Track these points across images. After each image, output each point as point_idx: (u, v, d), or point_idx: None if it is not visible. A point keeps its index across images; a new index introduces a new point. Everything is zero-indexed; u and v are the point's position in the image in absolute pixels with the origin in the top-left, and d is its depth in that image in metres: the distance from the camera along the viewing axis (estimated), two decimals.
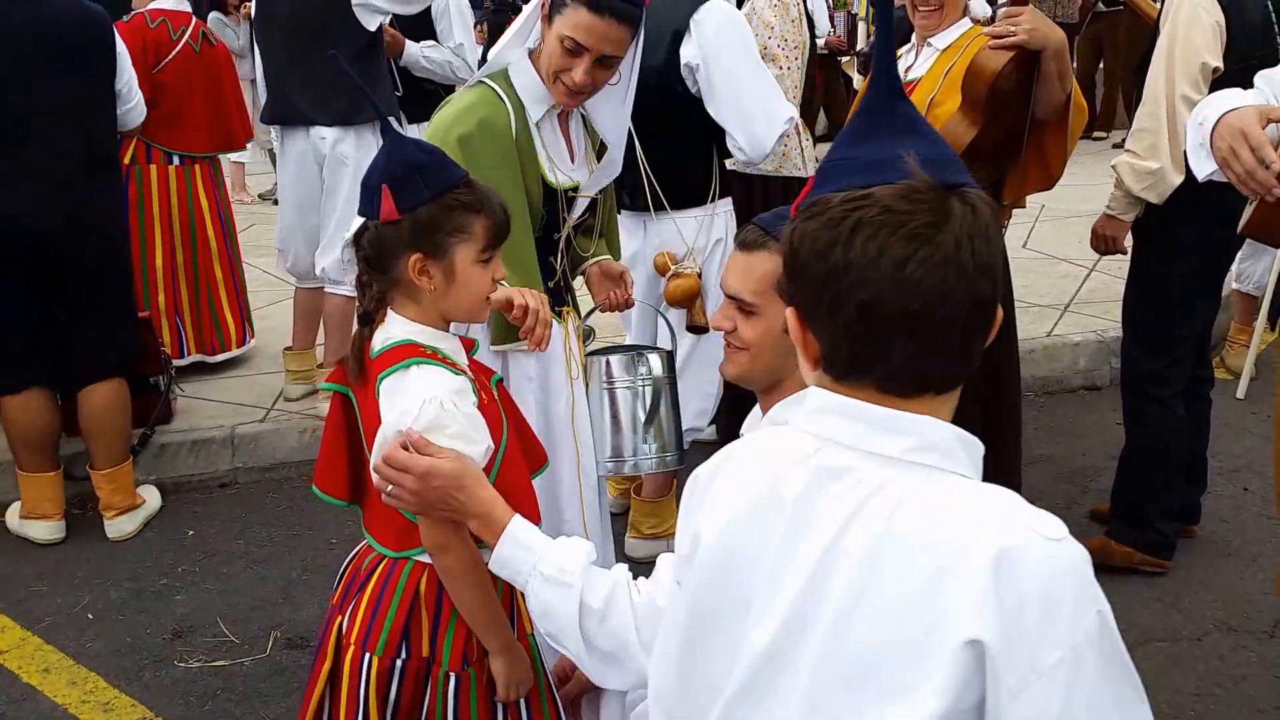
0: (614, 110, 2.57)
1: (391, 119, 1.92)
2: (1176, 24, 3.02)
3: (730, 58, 3.12)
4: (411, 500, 1.73)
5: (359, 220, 1.88)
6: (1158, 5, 3.29)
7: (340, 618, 1.94)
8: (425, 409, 1.74)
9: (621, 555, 3.23)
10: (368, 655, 1.88)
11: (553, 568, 1.65)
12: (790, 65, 3.93)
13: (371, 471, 1.79)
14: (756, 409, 1.94)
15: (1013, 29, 2.90)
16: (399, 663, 1.87)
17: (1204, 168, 2.23)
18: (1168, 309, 3.32)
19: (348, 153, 4.31)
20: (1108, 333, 5.01)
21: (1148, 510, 3.40)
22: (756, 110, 3.13)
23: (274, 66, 4.48)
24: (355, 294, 1.97)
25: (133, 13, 4.84)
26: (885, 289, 1.12)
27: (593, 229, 2.76)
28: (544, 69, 2.38)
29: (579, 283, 2.80)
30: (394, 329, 1.88)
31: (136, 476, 4.14)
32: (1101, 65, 10.28)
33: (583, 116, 2.62)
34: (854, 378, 1.20)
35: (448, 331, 1.94)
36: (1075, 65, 10.27)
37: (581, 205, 2.58)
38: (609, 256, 2.79)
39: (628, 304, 2.80)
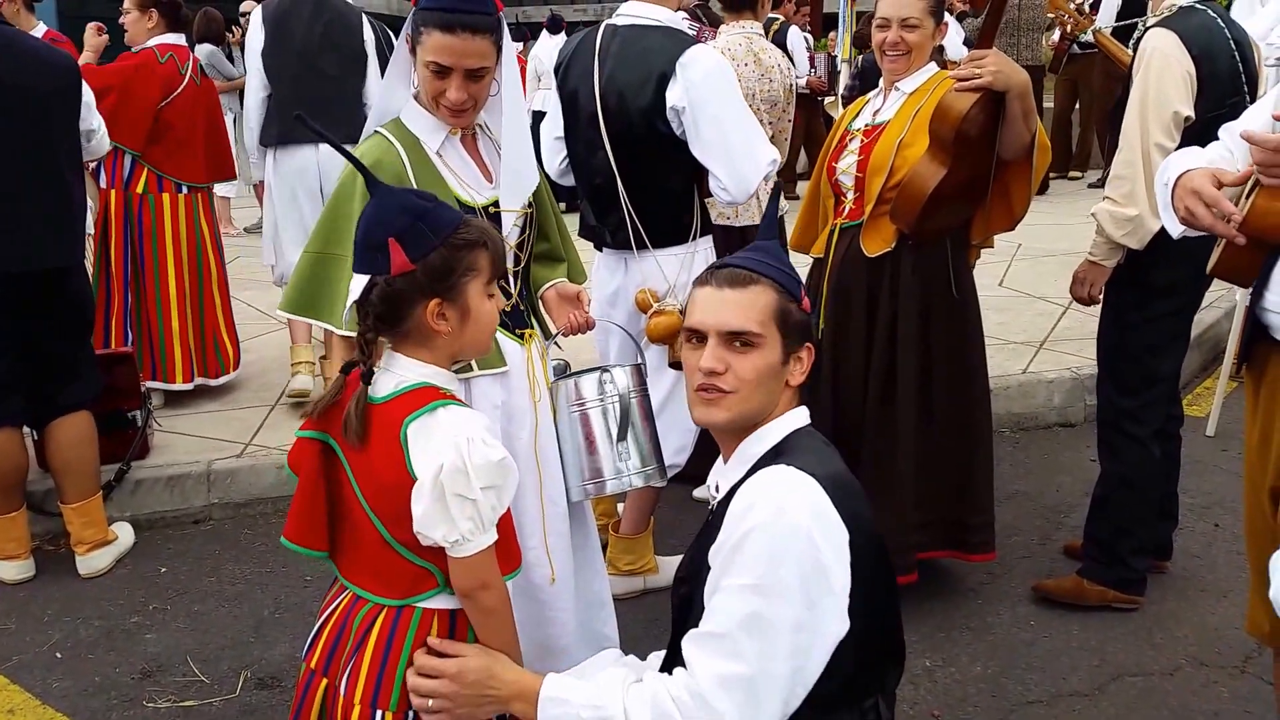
0: (507, 125, 2.56)
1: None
2: (1149, 74, 3.06)
3: (716, 101, 3.15)
4: (451, 706, 1.80)
5: (359, 281, 1.85)
6: (1130, 51, 3.35)
7: (325, 681, 1.90)
8: (472, 448, 1.75)
9: None
10: (380, 713, 1.84)
11: (592, 712, 1.71)
12: (761, 119, 4.02)
13: (408, 688, 1.82)
14: (720, 459, 1.94)
15: (978, 71, 2.96)
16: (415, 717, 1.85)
17: (1175, 227, 2.31)
18: (1145, 350, 3.35)
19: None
20: (1082, 370, 5.05)
21: (1121, 548, 3.42)
22: (741, 152, 3.16)
23: (285, 89, 4.95)
24: None
25: (138, 47, 4.95)
26: None
27: (547, 257, 2.78)
28: (424, 99, 2.43)
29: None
30: (406, 372, 1.86)
31: (111, 513, 4.11)
32: (1077, 106, 10.42)
33: (492, 139, 2.64)
34: None
35: (453, 373, 1.94)
36: (1053, 105, 10.45)
37: (509, 221, 2.57)
38: (564, 280, 2.81)
39: (588, 325, 2.81)
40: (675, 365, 3.33)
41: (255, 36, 5.00)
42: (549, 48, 10.19)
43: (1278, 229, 2.21)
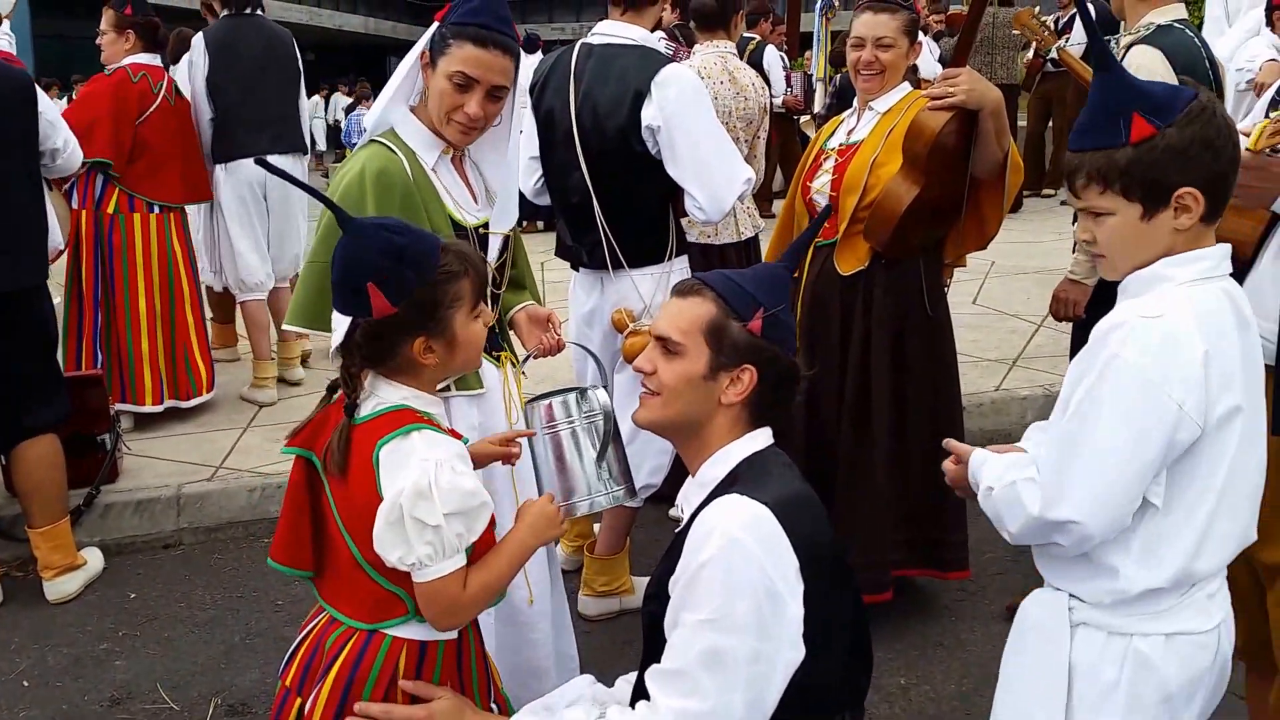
0: (498, 158, 2.60)
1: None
2: None
3: (691, 120, 3.16)
4: None
5: (342, 322, 1.83)
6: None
7: (299, 701, 1.87)
8: (440, 473, 1.73)
9: (574, 612, 3.20)
10: None
11: None
12: (738, 137, 4.03)
13: None
14: (690, 478, 1.94)
15: (951, 90, 2.97)
16: None
17: None
18: None
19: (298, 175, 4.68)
20: (1054, 387, 5.07)
21: None
22: (716, 171, 3.17)
23: (235, 107, 5.23)
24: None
25: (113, 67, 4.94)
26: None
27: (513, 282, 2.78)
28: (435, 112, 2.42)
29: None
30: (385, 394, 1.85)
31: (80, 538, 4.06)
32: (1051, 123, 10.50)
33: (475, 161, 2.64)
34: None
35: (437, 398, 1.93)
36: (1026, 123, 10.53)
37: (496, 244, 2.59)
38: (533, 302, 2.83)
39: (559, 347, 2.81)
40: None
41: (199, 62, 5.22)
42: (525, 66, 10.19)
43: (1244, 248, 2.23)
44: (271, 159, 4.88)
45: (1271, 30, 5.42)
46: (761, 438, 1.89)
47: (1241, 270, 2.24)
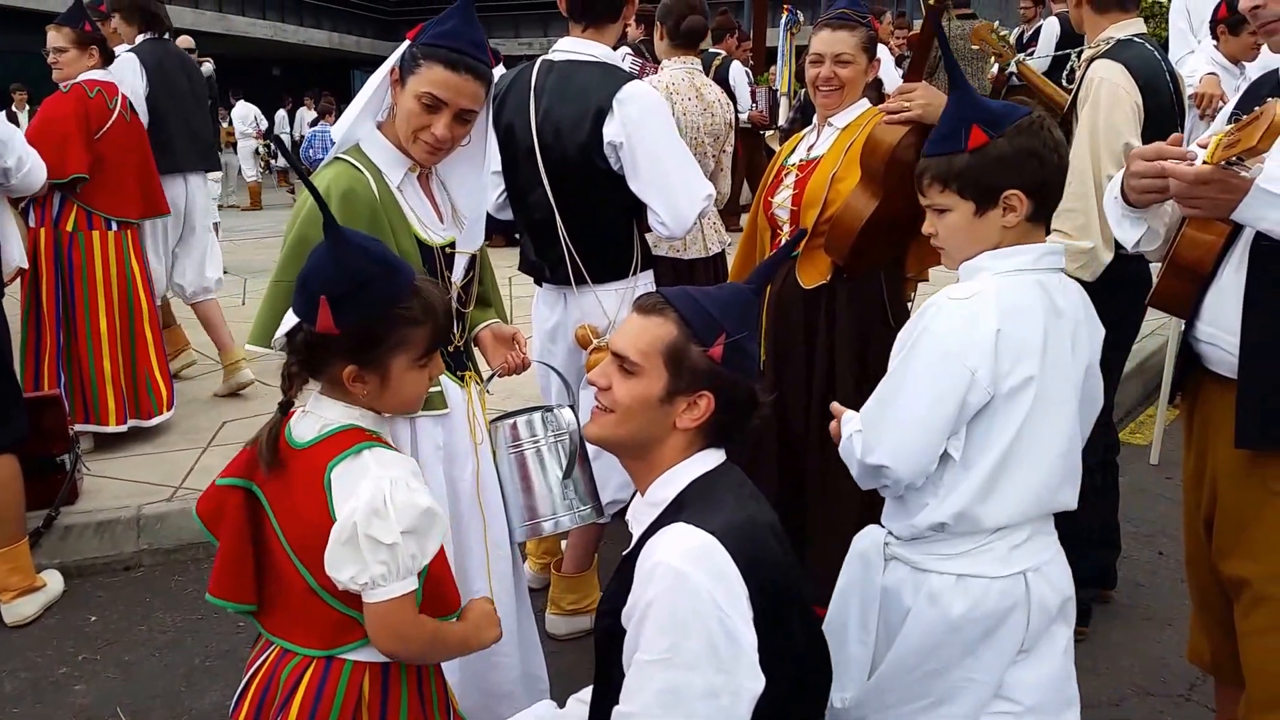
0: (469, 177, 2.58)
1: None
2: (1098, 105, 3.08)
3: (652, 136, 3.15)
4: None
5: (292, 320, 1.82)
6: (1071, 88, 3.38)
7: None
8: (395, 490, 1.72)
9: (542, 632, 3.16)
10: None
11: None
12: (706, 152, 4.03)
13: None
14: (637, 496, 1.92)
15: (906, 104, 2.98)
16: None
17: (1130, 235, 2.29)
18: None
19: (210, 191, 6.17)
20: None
21: None
22: (678, 187, 3.16)
23: (172, 125, 5.60)
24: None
25: (68, 84, 4.89)
26: None
27: (479, 299, 2.76)
28: (402, 130, 2.40)
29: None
30: (330, 413, 1.83)
31: (39, 560, 3.98)
32: None
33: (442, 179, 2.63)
34: None
35: (381, 415, 1.90)
36: None
37: (462, 263, 2.57)
38: (499, 320, 2.81)
39: (524, 365, 2.79)
40: None
41: (136, 80, 5.40)
42: None
43: (1206, 259, 2.24)
44: (195, 179, 5.76)
45: (1216, 43, 5.48)
46: (714, 457, 1.87)
47: (1204, 283, 2.25)
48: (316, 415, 1.82)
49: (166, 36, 5.77)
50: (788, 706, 1.76)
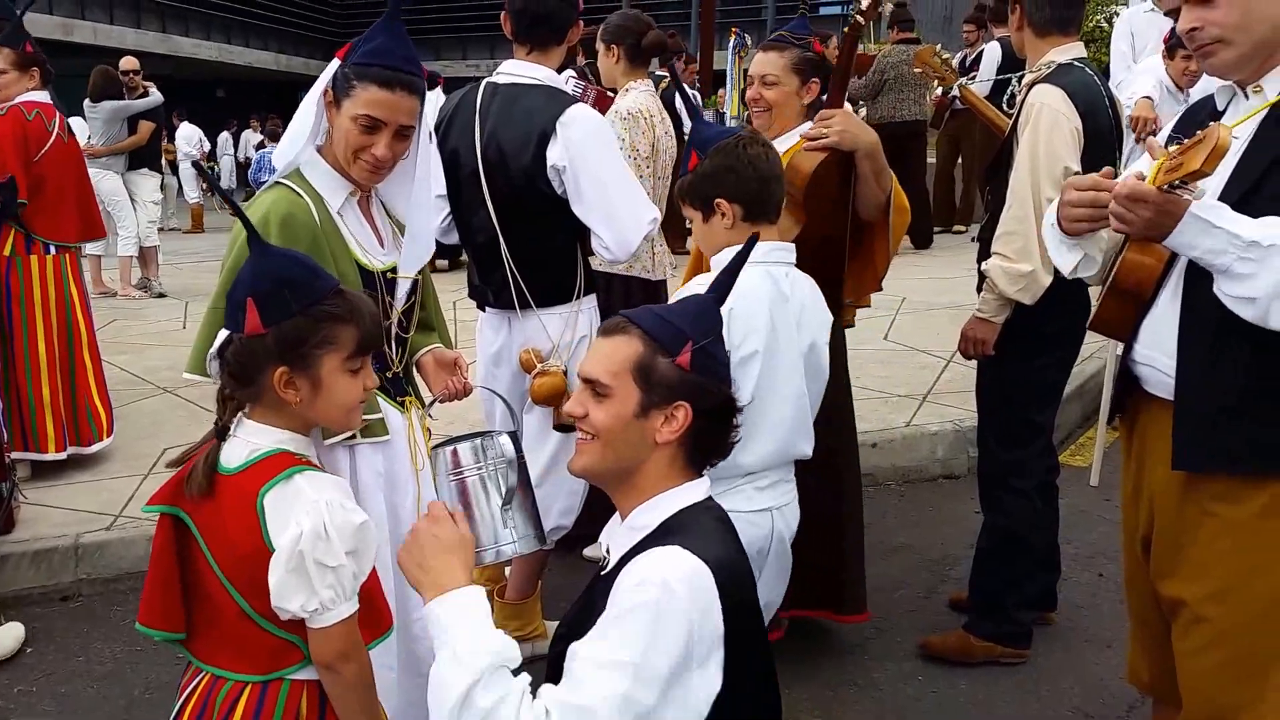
0: (408, 190, 2.56)
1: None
2: (1038, 130, 3.11)
3: (596, 160, 3.15)
4: (410, 543, 1.73)
5: (223, 334, 1.83)
6: (1012, 111, 3.43)
7: None
8: (333, 513, 1.71)
9: None
10: None
11: (465, 647, 1.60)
12: (641, 174, 4.03)
13: None
14: (616, 516, 1.91)
15: (825, 131, 3.01)
16: None
17: (1067, 262, 2.32)
18: (1029, 403, 3.40)
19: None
20: (964, 422, 5.13)
21: (1007, 601, 3.45)
22: (622, 211, 3.16)
23: None
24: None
25: (7, 105, 4.82)
26: None
27: (422, 324, 2.74)
28: (341, 152, 2.39)
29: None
30: (259, 438, 1.81)
31: None
32: (960, 161, 10.73)
33: (382, 202, 2.61)
34: None
35: (309, 438, 1.89)
36: (936, 161, 10.75)
37: (404, 288, 2.56)
38: (440, 345, 2.78)
39: (466, 391, 2.77)
40: (560, 427, 3.28)
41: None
42: (428, 104, 10.25)
43: (1147, 283, 2.28)
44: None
45: (1169, 65, 5.56)
46: (699, 489, 1.85)
47: (1143, 308, 2.29)
48: (244, 440, 1.81)
49: None
50: None
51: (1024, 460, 3.40)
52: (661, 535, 1.75)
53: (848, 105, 3.39)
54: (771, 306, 2.51)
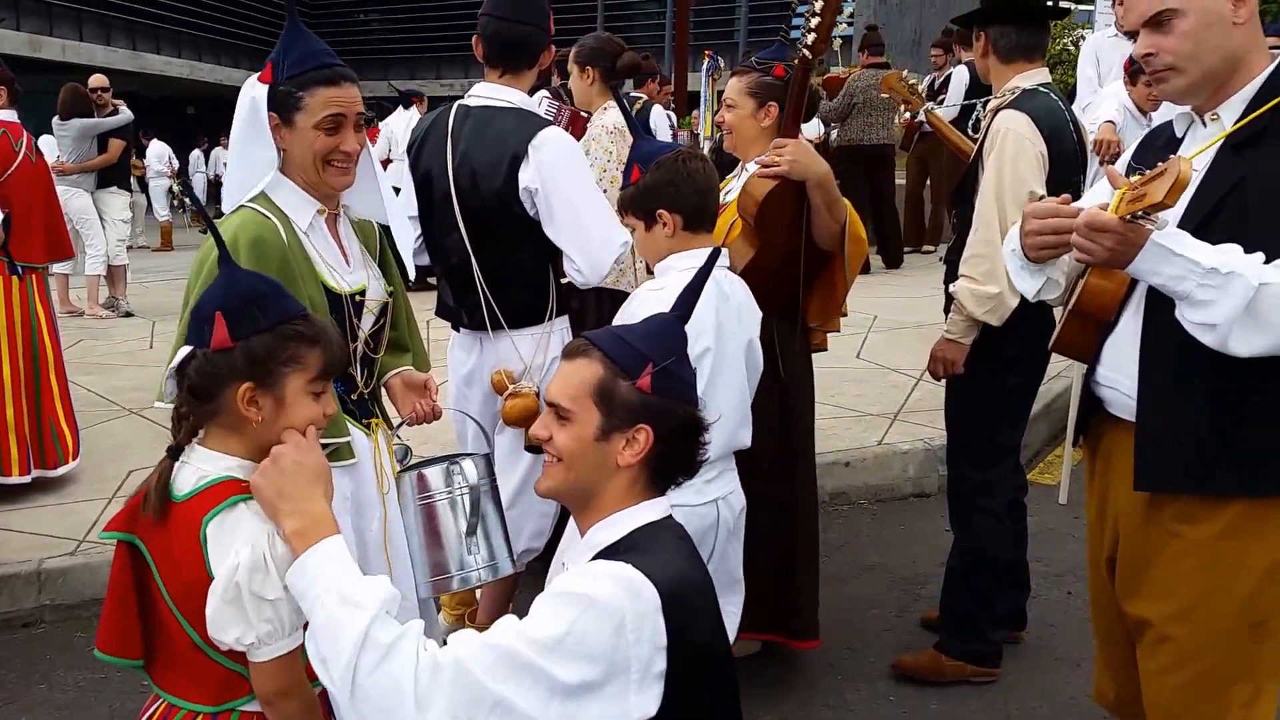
0: (366, 186, 2.58)
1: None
2: (1003, 155, 3.15)
3: (568, 183, 3.16)
4: (267, 466, 1.71)
5: (185, 350, 1.81)
6: (971, 131, 3.47)
7: None
8: (275, 545, 1.69)
9: None
10: None
11: (352, 589, 1.59)
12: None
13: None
14: (574, 532, 1.91)
15: (776, 159, 3.05)
16: None
17: (1029, 286, 2.34)
18: (997, 422, 3.43)
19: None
20: (934, 441, 5.16)
21: (977, 621, 3.46)
22: (594, 234, 3.17)
23: None
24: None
25: None
26: None
27: (394, 345, 2.73)
28: (307, 165, 2.41)
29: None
30: (208, 465, 1.79)
31: None
32: (929, 182, 10.82)
33: (351, 221, 2.61)
34: None
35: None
36: (905, 182, 10.84)
37: (373, 310, 2.55)
38: (410, 367, 2.77)
39: (434, 414, 2.75)
40: (532, 449, 3.27)
41: None
42: (403, 122, 10.31)
43: (1108, 307, 2.30)
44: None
45: (1131, 90, 5.63)
46: (659, 507, 1.84)
47: (1105, 330, 2.32)
48: (195, 467, 1.79)
49: None
50: None
51: (992, 480, 3.42)
52: (614, 552, 1.75)
53: (808, 133, 3.43)
54: (717, 306, 2.65)
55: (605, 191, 4.02)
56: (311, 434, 1.79)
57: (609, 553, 1.76)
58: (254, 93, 2.37)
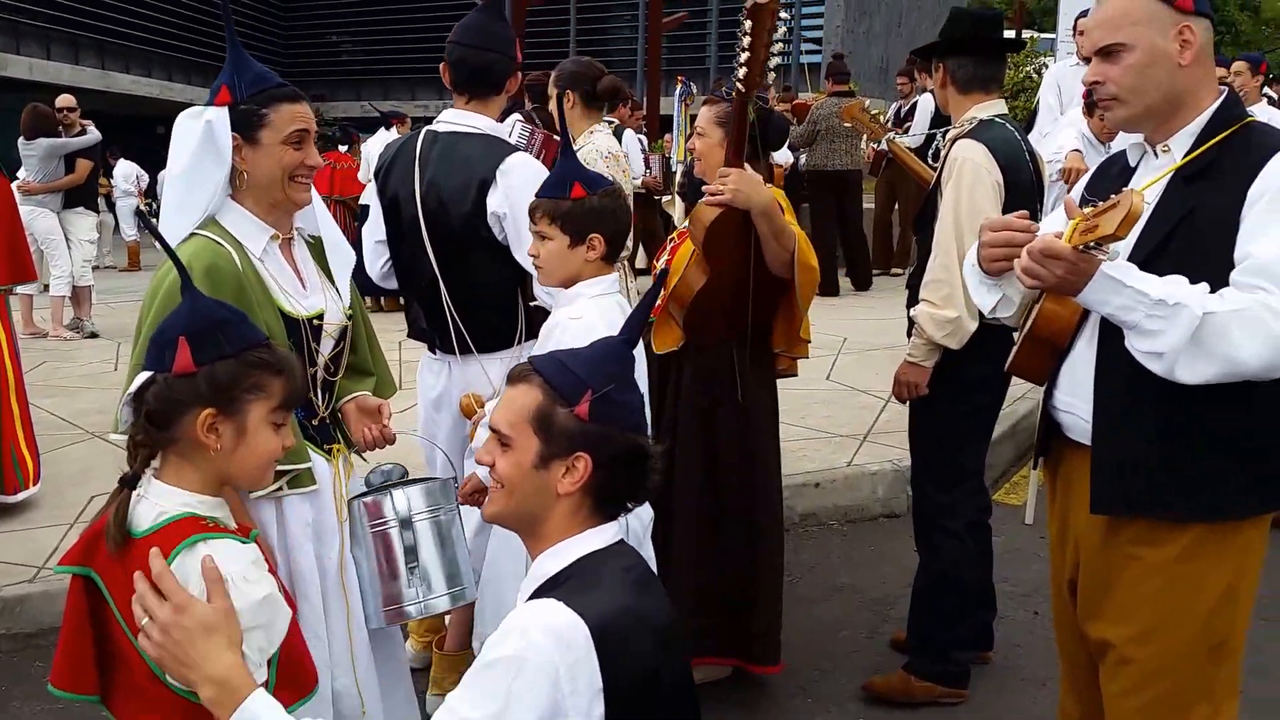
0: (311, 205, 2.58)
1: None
2: (961, 183, 3.22)
3: None
4: (156, 639, 1.63)
5: (143, 376, 1.79)
6: (937, 165, 3.51)
7: None
8: (233, 591, 1.68)
9: (424, 713, 3.07)
10: None
11: None
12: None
13: (132, 602, 1.67)
14: (533, 567, 1.90)
15: (720, 188, 3.09)
16: None
17: (986, 300, 2.37)
18: (959, 444, 3.47)
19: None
20: (903, 462, 5.15)
21: (944, 642, 3.48)
22: None
23: None
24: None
25: None
26: None
27: (355, 369, 2.71)
28: (272, 185, 2.41)
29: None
30: (166, 501, 1.77)
31: None
32: (897, 207, 10.92)
33: (306, 242, 2.61)
34: None
35: (220, 497, 1.86)
36: (873, 207, 10.93)
37: (331, 333, 2.54)
38: (367, 393, 2.73)
39: (385, 439, 2.71)
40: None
41: None
42: (384, 142, 10.28)
43: (1063, 332, 2.33)
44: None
45: (1088, 119, 5.72)
46: (605, 534, 1.82)
47: (1061, 354, 2.34)
48: (152, 502, 1.77)
49: None
50: None
51: (955, 502, 3.46)
52: (552, 586, 1.74)
53: (778, 159, 3.47)
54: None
55: None
56: (180, 594, 1.67)
57: (551, 584, 1.75)
58: (208, 116, 2.36)
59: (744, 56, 3.03)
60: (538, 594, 1.74)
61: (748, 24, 3.00)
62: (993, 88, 3.42)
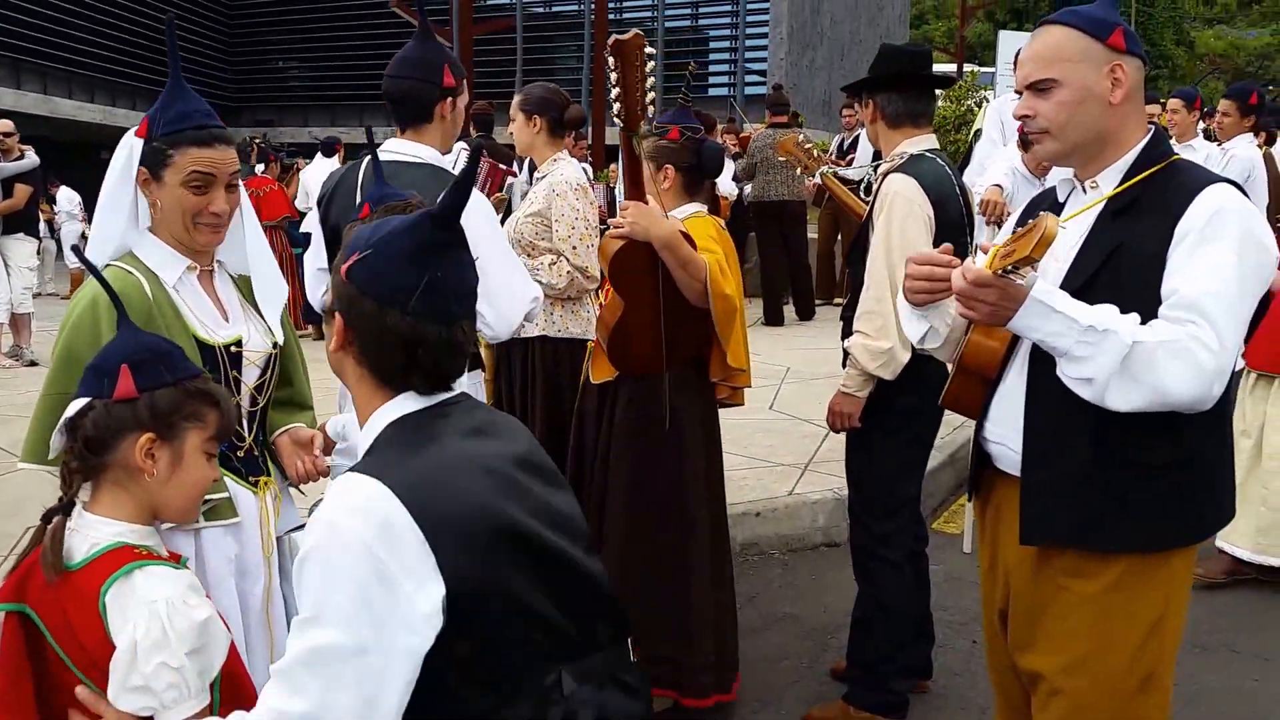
0: (234, 241, 2.53)
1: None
2: (892, 216, 3.27)
3: (475, 238, 3.14)
4: None
5: (80, 402, 1.80)
6: (868, 199, 3.57)
7: None
8: (173, 613, 1.68)
9: None
10: None
11: None
12: (591, 243, 4.15)
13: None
14: None
15: (620, 221, 3.14)
16: None
17: (915, 331, 2.42)
18: (893, 473, 3.51)
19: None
20: (844, 490, 5.14)
21: (883, 671, 3.50)
22: (502, 289, 3.18)
23: None
24: None
25: None
26: None
27: (290, 403, 2.68)
28: (175, 223, 2.38)
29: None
30: (97, 532, 1.78)
31: None
32: (840, 237, 11.06)
33: (231, 277, 2.58)
34: None
35: (152, 527, 1.86)
36: (817, 237, 11.05)
37: (255, 361, 2.51)
38: (300, 425, 2.68)
39: (319, 470, 2.65)
40: None
41: None
42: (323, 169, 10.25)
43: (990, 364, 2.38)
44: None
45: (1023, 153, 5.83)
46: (406, 403, 1.68)
47: (992, 386, 2.39)
48: (84, 535, 1.77)
49: None
50: (523, 667, 1.61)
51: (891, 531, 3.49)
52: (364, 458, 1.66)
53: (722, 189, 3.53)
54: None
55: (575, 249, 4.08)
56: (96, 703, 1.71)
57: (361, 461, 1.66)
58: (131, 144, 2.37)
59: (615, 92, 3.06)
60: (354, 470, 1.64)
61: (612, 61, 3.02)
62: (922, 122, 3.48)
